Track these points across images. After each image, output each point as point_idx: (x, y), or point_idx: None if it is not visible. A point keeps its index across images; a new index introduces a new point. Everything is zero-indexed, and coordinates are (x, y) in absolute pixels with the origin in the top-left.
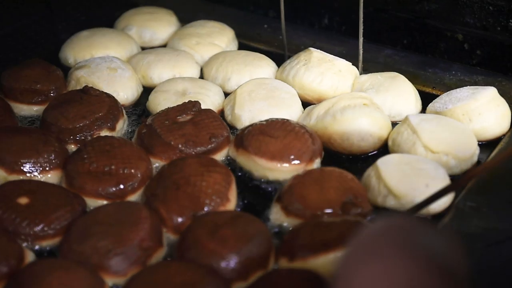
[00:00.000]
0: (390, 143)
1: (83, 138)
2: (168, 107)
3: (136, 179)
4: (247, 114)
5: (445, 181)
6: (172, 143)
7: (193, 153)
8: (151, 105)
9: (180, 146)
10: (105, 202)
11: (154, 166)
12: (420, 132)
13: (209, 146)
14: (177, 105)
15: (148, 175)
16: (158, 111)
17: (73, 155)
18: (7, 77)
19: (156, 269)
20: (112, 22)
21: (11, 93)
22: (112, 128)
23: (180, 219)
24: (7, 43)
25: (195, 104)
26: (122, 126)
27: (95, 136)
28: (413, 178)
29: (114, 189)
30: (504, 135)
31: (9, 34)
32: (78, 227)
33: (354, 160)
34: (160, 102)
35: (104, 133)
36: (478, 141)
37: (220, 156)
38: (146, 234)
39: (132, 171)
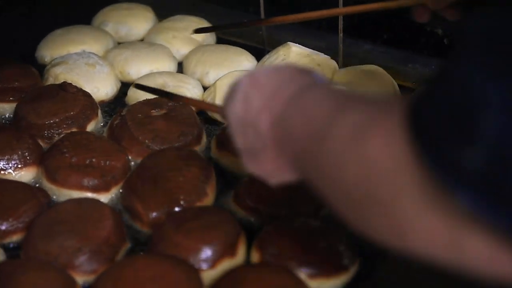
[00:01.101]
0: None
1: (51, 135)
2: (145, 99)
3: (118, 171)
4: None
5: None
6: (140, 138)
7: (160, 149)
8: (130, 100)
9: (147, 141)
10: (89, 194)
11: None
12: None
13: (177, 144)
14: (153, 98)
15: (127, 167)
16: None
17: (51, 151)
18: None
19: (125, 264)
20: (90, 19)
21: None
22: (82, 128)
23: (155, 214)
24: None
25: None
26: (93, 127)
27: (69, 132)
28: None
29: (99, 180)
30: None
31: None
32: (40, 226)
33: None
34: (139, 97)
35: None
36: None
37: None
38: (112, 231)
39: (113, 163)
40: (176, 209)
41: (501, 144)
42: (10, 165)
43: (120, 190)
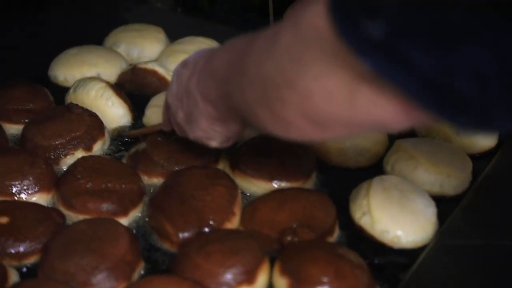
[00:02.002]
0: (388, 168)
1: (57, 156)
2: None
3: (134, 194)
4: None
5: (427, 220)
6: (155, 158)
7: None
8: (148, 120)
9: (161, 161)
10: None
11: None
12: (419, 156)
13: (192, 165)
14: None
15: (143, 189)
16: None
17: (64, 177)
18: None
19: (141, 285)
20: (102, 39)
21: (3, 114)
22: (88, 149)
23: (185, 235)
24: None
25: None
26: (100, 147)
27: (73, 152)
28: (395, 206)
29: (117, 205)
30: (492, 148)
31: None
32: (57, 245)
33: (349, 173)
34: (159, 117)
35: (80, 153)
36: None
37: None
38: (128, 249)
39: (129, 186)
40: (206, 229)
41: (397, 17)
42: (22, 190)
43: (139, 214)
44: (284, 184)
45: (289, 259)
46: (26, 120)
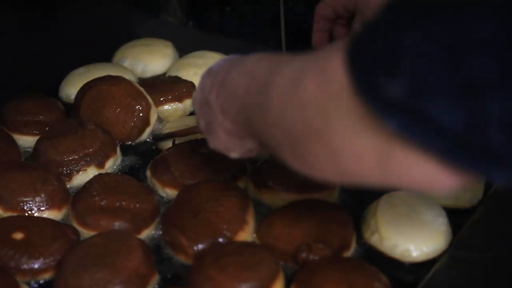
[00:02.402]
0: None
1: (69, 171)
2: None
3: (147, 213)
4: None
5: (436, 230)
6: (171, 168)
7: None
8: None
9: (176, 173)
10: None
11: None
12: None
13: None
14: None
15: (157, 209)
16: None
17: (80, 193)
18: (9, 111)
19: None
20: (113, 53)
21: (13, 125)
22: (101, 166)
23: (200, 247)
24: (6, 76)
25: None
26: (112, 164)
27: (97, 174)
28: (404, 221)
29: (129, 224)
30: None
31: (7, 67)
32: (70, 260)
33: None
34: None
35: (92, 169)
36: None
37: None
38: (141, 261)
39: (143, 205)
40: (220, 239)
41: (415, 75)
42: (34, 207)
43: (153, 232)
44: (311, 196)
45: (303, 284)
46: (36, 132)
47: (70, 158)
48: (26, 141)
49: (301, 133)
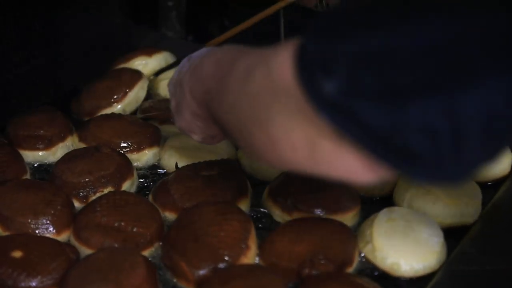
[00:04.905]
0: (405, 206)
1: (86, 193)
2: (203, 161)
3: (143, 238)
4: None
5: (429, 249)
6: (171, 191)
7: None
8: (166, 163)
9: (175, 196)
10: None
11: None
12: (434, 190)
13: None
14: (209, 161)
15: (158, 235)
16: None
17: (86, 207)
18: (13, 125)
19: None
20: (112, 67)
21: (15, 140)
22: (118, 188)
23: (201, 272)
24: (9, 89)
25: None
26: (129, 186)
27: (107, 191)
28: (398, 236)
29: (119, 245)
30: (506, 175)
31: (10, 80)
32: (74, 276)
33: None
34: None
35: (109, 191)
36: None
37: None
38: (145, 279)
39: (141, 230)
40: (221, 265)
41: (348, 78)
42: (30, 229)
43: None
44: (342, 215)
45: None
46: (37, 146)
47: (87, 179)
48: (27, 156)
49: (249, 121)
